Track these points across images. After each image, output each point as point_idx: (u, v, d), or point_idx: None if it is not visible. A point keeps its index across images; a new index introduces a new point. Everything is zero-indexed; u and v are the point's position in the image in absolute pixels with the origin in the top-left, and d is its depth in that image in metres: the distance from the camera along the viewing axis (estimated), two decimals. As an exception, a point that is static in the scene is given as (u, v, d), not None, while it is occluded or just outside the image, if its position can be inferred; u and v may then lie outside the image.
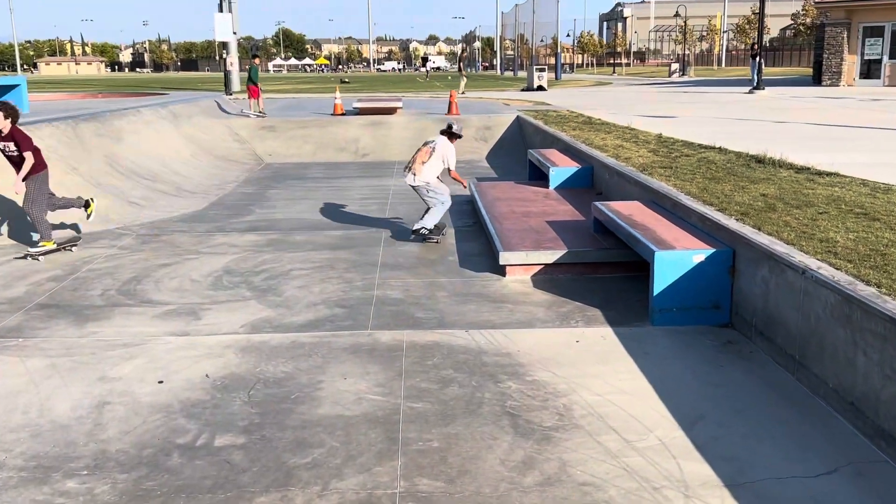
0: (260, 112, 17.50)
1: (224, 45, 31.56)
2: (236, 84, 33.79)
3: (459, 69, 29.30)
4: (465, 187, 8.80)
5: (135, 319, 5.57)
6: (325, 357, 4.83)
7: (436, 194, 7.74)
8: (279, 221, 9.13)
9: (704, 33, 72.10)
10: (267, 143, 15.39)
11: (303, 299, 6.04)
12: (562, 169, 9.79)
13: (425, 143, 7.97)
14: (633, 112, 17.50)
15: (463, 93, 28.93)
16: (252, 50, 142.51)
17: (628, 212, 6.66)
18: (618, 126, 13.40)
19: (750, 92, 24.35)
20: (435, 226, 7.83)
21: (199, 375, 4.56)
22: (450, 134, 7.96)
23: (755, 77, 25.32)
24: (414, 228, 7.82)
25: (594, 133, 12.33)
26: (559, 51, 52.04)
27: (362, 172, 13.36)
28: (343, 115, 17.06)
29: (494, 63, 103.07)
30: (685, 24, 61.20)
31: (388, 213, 9.54)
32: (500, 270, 6.71)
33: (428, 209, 7.80)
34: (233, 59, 32.95)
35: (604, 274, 6.59)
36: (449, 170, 7.81)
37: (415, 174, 7.72)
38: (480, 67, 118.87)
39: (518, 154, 14.57)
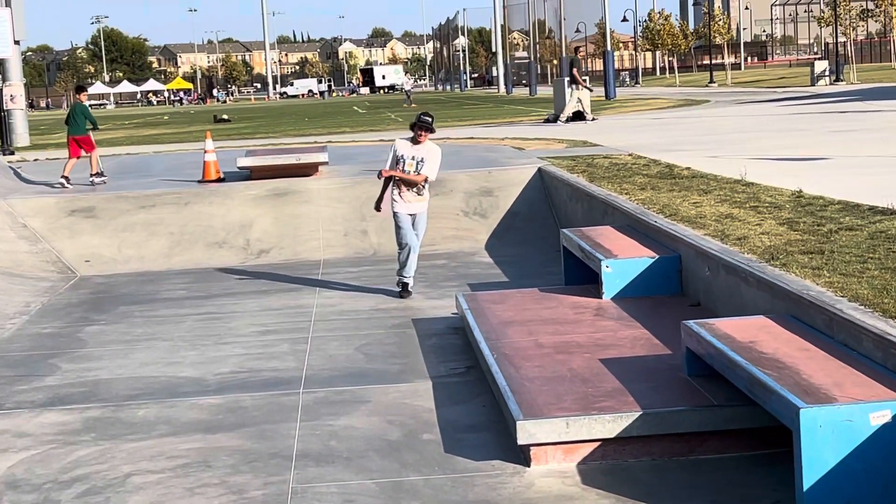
0: (94, 176, 18.22)
1: (-2, 65, 32.51)
2: (22, 133, 34.64)
3: (575, 79, 30.38)
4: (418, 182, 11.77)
5: None
6: None
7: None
8: (105, 385, 9.11)
9: (872, 7, 74.92)
10: (82, 239, 15.58)
11: (153, 529, 6.01)
12: (625, 262, 9.94)
13: (397, 154, 11.60)
14: (750, 151, 17.99)
15: (592, 119, 30.80)
16: (76, 80, 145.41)
17: (748, 336, 6.75)
18: (723, 179, 13.77)
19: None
20: None
21: None
22: (429, 129, 11.53)
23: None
24: (405, 282, 12.02)
25: (680, 194, 12.64)
26: (610, 48, 53.72)
27: (260, 285, 13.52)
28: (221, 180, 17.39)
29: (493, 74, 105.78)
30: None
31: (310, 357, 9.60)
32: (520, 455, 6.72)
33: (408, 253, 11.75)
34: (16, 89, 33.86)
35: (711, 453, 6.59)
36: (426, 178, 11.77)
37: (418, 193, 11.74)
38: (468, 82, 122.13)
39: (544, 237, 14.84)
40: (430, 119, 11.63)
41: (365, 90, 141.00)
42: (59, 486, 6.75)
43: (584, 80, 31.24)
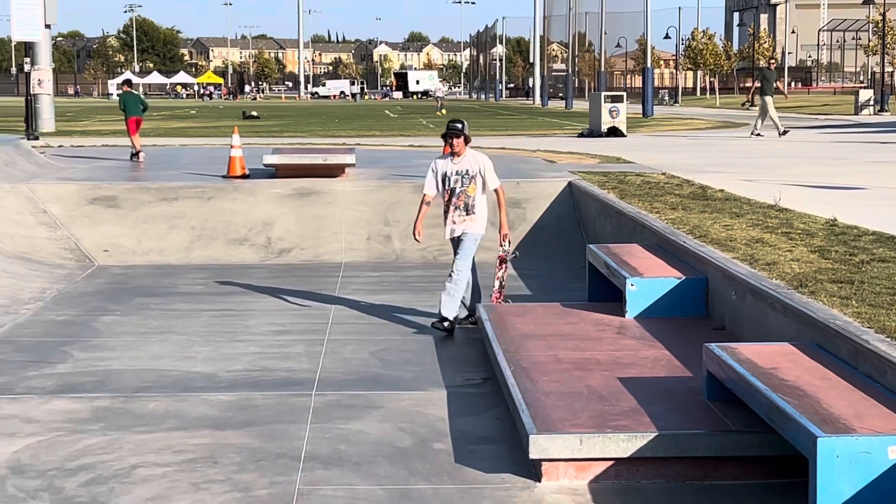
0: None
1: (27, 49, 32.78)
2: (48, 118, 34.90)
3: (757, 89, 30.82)
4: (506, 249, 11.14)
5: None
6: None
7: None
8: (117, 375, 9.20)
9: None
10: (102, 228, 15.71)
11: (156, 522, 6.06)
12: (650, 281, 9.98)
13: (438, 174, 10.62)
14: (785, 177, 17.97)
15: (784, 132, 30.80)
16: (105, 68, 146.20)
17: (770, 363, 6.77)
18: (756, 204, 13.77)
19: None
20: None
21: None
22: (459, 134, 10.54)
23: None
24: (462, 318, 10.69)
25: (712, 216, 12.65)
26: (650, 65, 53.74)
27: (279, 283, 13.61)
28: (245, 177, 17.49)
29: (530, 85, 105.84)
30: (884, 19, 63.46)
31: (325, 360, 9.66)
32: (532, 470, 6.75)
33: (472, 276, 10.81)
34: (44, 74, 34.07)
35: (727, 478, 6.61)
36: (496, 191, 10.72)
37: (467, 212, 10.58)
38: (503, 92, 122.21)
39: (570, 252, 14.87)
40: (459, 124, 10.68)
41: (398, 94, 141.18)
42: (64, 473, 6.83)
43: (768, 89, 31.56)
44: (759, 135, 31.12)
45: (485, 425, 7.83)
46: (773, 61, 37.66)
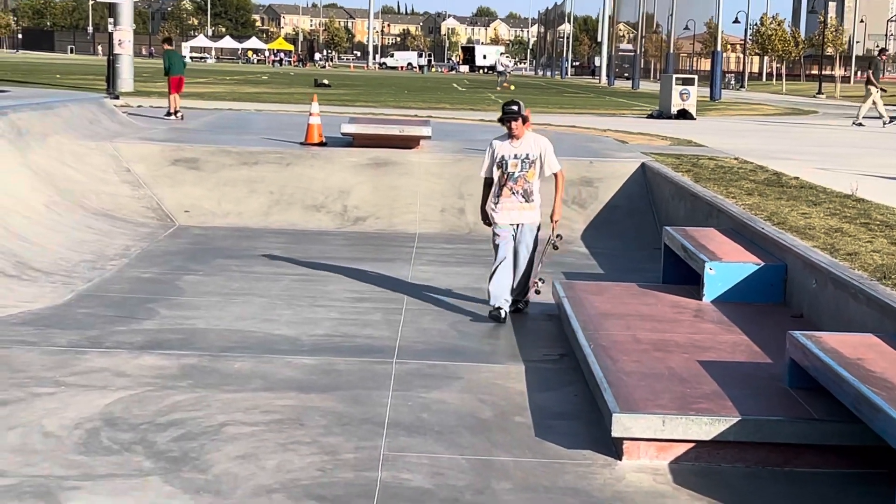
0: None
1: (109, 9, 33.09)
2: (127, 78, 35.23)
3: (870, 79, 31.12)
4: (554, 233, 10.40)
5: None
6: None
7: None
8: (202, 334, 9.31)
9: None
10: (183, 189, 15.86)
11: (246, 481, 6.11)
12: (728, 266, 9.92)
13: (495, 156, 10.01)
14: (859, 167, 17.76)
15: (890, 120, 31.09)
16: (179, 31, 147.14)
17: (856, 353, 6.71)
18: (832, 193, 13.64)
19: None
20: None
21: None
22: (516, 117, 9.82)
23: None
24: (515, 299, 10.17)
25: (788, 204, 12.54)
26: (719, 49, 53.24)
27: (355, 251, 13.69)
28: (322, 145, 17.58)
29: (596, 63, 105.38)
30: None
31: (403, 328, 9.72)
32: (613, 448, 6.75)
33: (526, 267, 10.18)
34: (124, 34, 34.41)
35: (807, 466, 6.58)
36: (556, 174, 10.37)
37: (526, 200, 10.10)
38: (569, 70, 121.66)
39: (642, 233, 14.81)
40: (515, 107, 9.85)
41: (464, 68, 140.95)
42: (155, 427, 6.93)
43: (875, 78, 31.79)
44: (860, 124, 30.83)
45: (563, 401, 7.84)
46: (885, 52, 37.39)
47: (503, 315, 9.90)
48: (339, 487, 6.07)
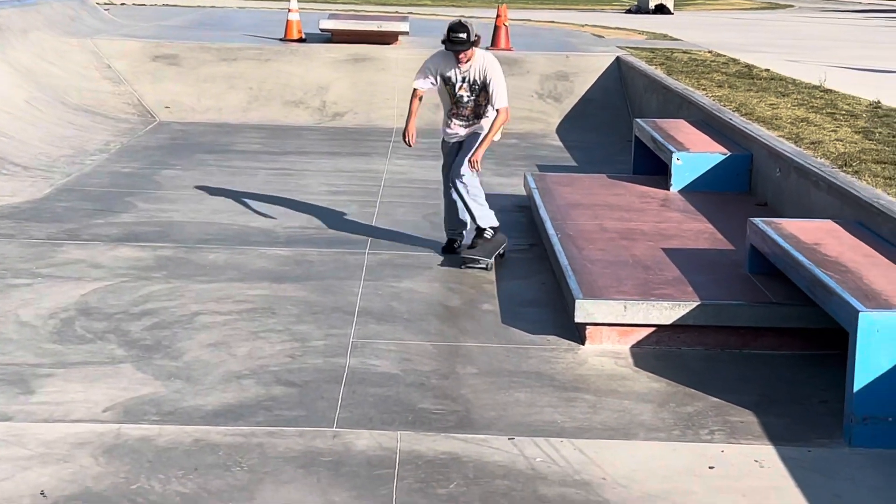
0: None
1: None
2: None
3: None
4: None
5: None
6: (254, 472, 4.91)
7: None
8: (178, 227, 9.26)
9: None
10: (163, 84, 15.66)
11: (217, 367, 6.15)
12: (696, 156, 9.88)
13: (436, 74, 8.23)
14: (830, 59, 17.64)
15: None
16: None
17: (813, 239, 6.73)
18: (801, 84, 13.56)
19: None
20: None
21: (28, 493, 4.66)
22: (466, 45, 7.91)
23: None
24: (470, 246, 8.33)
25: (757, 95, 12.47)
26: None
27: (333, 146, 13.57)
28: (302, 41, 17.33)
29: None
30: None
31: (377, 220, 9.68)
32: (577, 333, 6.79)
33: (465, 199, 8.23)
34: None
35: (765, 348, 6.65)
36: (498, 110, 8.17)
37: (486, 117, 8.23)
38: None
39: (616, 126, 14.72)
40: (464, 34, 7.92)
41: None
42: (129, 317, 6.94)
43: None
44: None
45: (531, 289, 7.86)
46: None
47: (456, 245, 8.65)
48: (307, 373, 6.10)
